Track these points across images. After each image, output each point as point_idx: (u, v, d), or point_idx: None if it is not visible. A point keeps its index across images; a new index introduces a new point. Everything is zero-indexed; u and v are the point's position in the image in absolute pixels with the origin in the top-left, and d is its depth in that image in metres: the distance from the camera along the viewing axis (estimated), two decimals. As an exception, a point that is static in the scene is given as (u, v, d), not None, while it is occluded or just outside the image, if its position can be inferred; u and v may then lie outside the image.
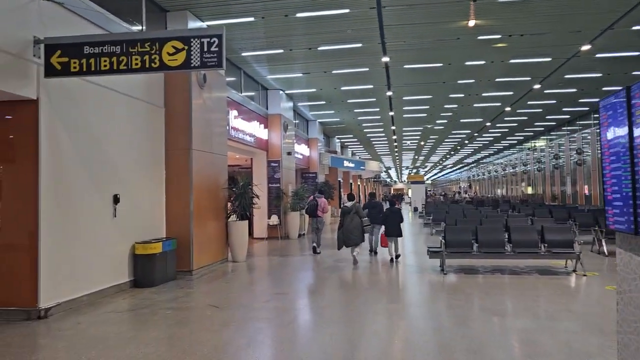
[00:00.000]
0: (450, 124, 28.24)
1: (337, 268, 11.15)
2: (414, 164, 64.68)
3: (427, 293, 8.19)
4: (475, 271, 10.21)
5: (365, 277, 9.97)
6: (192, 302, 7.65)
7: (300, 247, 15.67)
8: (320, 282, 9.53)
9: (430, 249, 10.27)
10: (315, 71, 15.91)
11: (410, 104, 22.09)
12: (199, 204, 10.67)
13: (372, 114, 24.45)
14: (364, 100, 20.74)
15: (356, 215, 11.37)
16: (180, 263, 10.10)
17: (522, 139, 37.94)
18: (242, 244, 12.22)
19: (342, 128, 29.44)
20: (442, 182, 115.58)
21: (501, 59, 14.92)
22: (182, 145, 10.42)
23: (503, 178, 47.84)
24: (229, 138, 13.93)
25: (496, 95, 20.37)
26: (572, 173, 28.59)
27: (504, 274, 9.77)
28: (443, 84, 18.08)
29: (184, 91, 10.48)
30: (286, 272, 10.65)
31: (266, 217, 18.06)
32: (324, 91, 18.98)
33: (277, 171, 18.28)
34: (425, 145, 40.64)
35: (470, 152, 49.45)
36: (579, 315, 6.57)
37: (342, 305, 7.37)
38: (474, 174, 69.93)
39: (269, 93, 18.53)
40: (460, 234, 10.19)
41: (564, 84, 18.43)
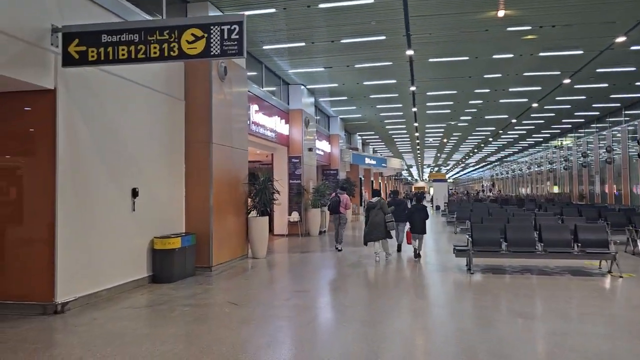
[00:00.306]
0: (475, 120, 27.64)
1: (360, 265, 10.86)
2: (436, 161, 63.89)
3: (452, 293, 7.85)
4: (503, 271, 9.81)
5: (389, 275, 9.66)
6: (210, 298, 7.45)
7: (321, 244, 15.41)
8: (342, 280, 9.25)
9: (457, 247, 9.90)
10: (338, 65, 15.61)
11: (434, 100, 21.63)
12: (219, 198, 10.48)
13: (394, 110, 24.04)
14: (387, 95, 20.36)
15: (380, 210, 11.36)
16: (200, 259, 9.93)
17: (548, 136, 37.04)
18: (262, 241, 12.01)
19: (363, 124, 29.08)
20: (463, 181, 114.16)
21: (530, 52, 14.40)
22: (202, 139, 10.24)
23: (527, 177, 46.83)
24: (250, 133, 13.73)
25: (523, 91, 19.77)
26: (600, 172, 27.72)
27: (533, 274, 9.35)
28: (469, 79, 17.60)
29: (205, 84, 10.29)
30: (307, 269, 10.40)
31: (287, 213, 17.85)
32: (346, 86, 18.67)
33: (298, 167, 18.05)
34: (448, 143, 40.00)
35: (494, 150, 48.55)
36: (616, 320, 6.17)
37: (364, 304, 7.08)
38: (496, 172, 68.75)
39: (290, 88, 18.30)
40: (488, 232, 9.79)
41: (595, 79, 17.77)
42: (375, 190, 12.51)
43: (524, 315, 6.33)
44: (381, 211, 11.37)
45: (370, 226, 11.36)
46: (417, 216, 11.89)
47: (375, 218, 11.31)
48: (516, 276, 9.21)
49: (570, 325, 5.86)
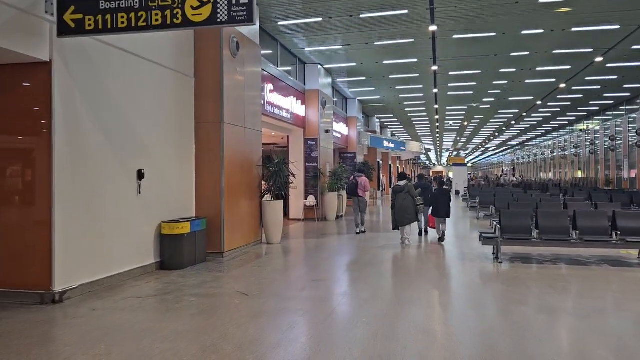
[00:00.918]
0: (498, 102, 26.64)
1: (380, 252, 10.30)
2: (455, 145, 62.67)
3: (481, 286, 7.23)
4: (534, 260, 9.15)
5: (412, 264, 9.08)
6: (220, 288, 6.96)
7: (338, 230, 14.87)
8: (361, 269, 8.70)
9: (484, 234, 9.25)
10: (356, 43, 14.88)
11: (456, 80, 20.75)
12: (231, 181, 9.97)
13: (414, 92, 23.20)
14: (407, 75, 19.56)
15: (408, 194, 11.04)
16: (211, 244, 9.45)
17: (574, 119, 35.75)
18: (277, 226, 11.49)
19: (382, 107, 28.28)
20: (482, 166, 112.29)
21: (562, 27, 13.49)
22: (213, 119, 9.69)
23: (550, 161, 45.53)
24: (264, 113, 13.15)
25: (551, 70, 18.80)
26: (629, 156, 26.57)
27: (567, 265, 8.68)
28: (494, 57, 16.70)
29: (216, 60, 9.70)
30: (324, 257, 9.86)
31: (303, 197, 17.32)
32: (365, 66, 17.91)
33: (314, 150, 17.45)
34: (469, 126, 38.94)
35: (516, 134, 47.28)
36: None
37: (386, 298, 6.52)
38: (517, 157, 67.19)
39: (307, 67, 17.62)
40: (517, 219, 9.12)
41: (629, 56, 16.72)
42: (403, 174, 12.18)
43: (565, 312, 5.71)
44: (409, 195, 11.06)
45: (399, 210, 11.03)
46: (441, 200, 11.71)
47: (404, 202, 11.00)
48: (548, 266, 8.54)
49: (620, 325, 5.23)
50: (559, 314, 5.66)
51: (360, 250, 10.83)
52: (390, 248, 11.02)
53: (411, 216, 11.08)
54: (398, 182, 11.69)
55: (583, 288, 6.91)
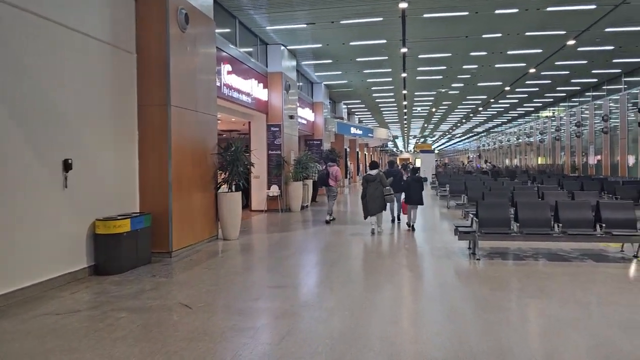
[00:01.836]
0: (467, 88, 26.09)
1: (348, 248, 9.43)
2: (422, 132, 62.51)
3: (460, 289, 6.41)
4: (513, 256, 8.44)
5: (382, 262, 8.22)
6: (159, 298, 5.91)
7: (303, 221, 13.94)
8: (327, 269, 7.79)
9: (460, 228, 8.47)
10: (322, 21, 13.83)
11: (426, 64, 19.98)
12: (181, 171, 8.87)
13: (382, 76, 22.34)
14: (375, 58, 18.64)
15: (379, 183, 11.01)
16: (157, 243, 8.37)
17: (540, 106, 35.71)
18: (234, 219, 10.46)
19: (349, 92, 27.35)
20: (448, 152, 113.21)
21: (537, 6, 12.79)
22: (158, 101, 8.54)
23: (516, 148, 45.69)
24: (221, 96, 12.04)
25: (522, 54, 18.20)
26: (595, 142, 26.53)
27: (550, 261, 7.98)
28: (465, 39, 15.95)
29: (160, 33, 8.53)
30: (285, 255, 8.91)
31: (265, 187, 16.30)
32: (331, 47, 16.90)
33: (277, 136, 16.40)
34: (437, 112, 38.50)
35: (482, 121, 47.23)
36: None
37: (354, 307, 5.62)
38: (483, 143, 67.60)
39: (269, 48, 16.49)
40: (496, 211, 8.36)
41: (602, 40, 16.25)
42: (374, 162, 11.94)
43: (559, 320, 4.93)
44: (380, 184, 11.00)
45: (371, 200, 10.97)
46: (413, 187, 11.84)
47: (375, 191, 10.96)
48: (530, 263, 7.82)
49: (616, 333, 4.48)
50: (551, 324, 4.88)
51: (326, 246, 9.93)
52: (359, 242, 10.18)
53: (382, 205, 11.07)
54: (369, 171, 11.44)
55: (572, 290, 6.18)
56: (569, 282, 6.55)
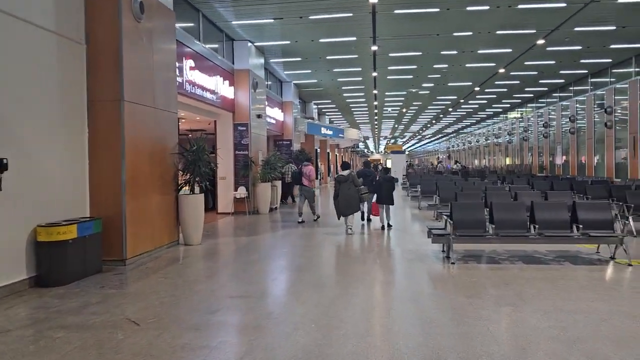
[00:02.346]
0: (437, 88, 25.99)
1: (317, 252, 8.94)
2: (393, 133, 62.65)
3: (435, 297, 5.99)
4: (488, 259, 8.10)
5: (353, 267, 7.77)
6: (105, 313, 5.30)
7: (271, 224, 13.39)
8: (295, 275, 7.29)
9: (433, 230, 8.09)
10: (290, 16, 13.32)
11: (397, 63, 19.69)
12: (136, 172, 8.23)
13: (353, 75, 21.97)
14: (345, 57, 18.23)
15: (352, 184, 11.00)
16: (109, 250, 7.72)
17: (508, 106, 36.05)
18: (196, 223, 9.84)
19: (319, 92, 26.90)
20: (418, 153, 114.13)
21: (508, 4, 12.59)
22: (110, 96, 7.88)
23: (485, 148, 46.12)
24: (183, 93, 11.42)
25: (492, 54, 18.09)
26: (562, 143, 26.79)
27: (527, 264, 7.67)
28: (436, 37, 15.70)
29: (113, 23, 7.88)
30: (251, 260, 8.35)
31: (232, 189, 15.68)
32: (300, 44, 16.41)
33: (245, 136, 15.81)
34: (407, 113, 38.45)
35: (452, 122, 47.53)
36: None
37: (323, 318, 5.13)
38: (452, 144, 68.22)
39: (236, 45, 15.88)
40: (470, 212, 8.01)
41: (571, 39, 16.23)
42: (346, 163, 12.00)
43: (546, 335, 4.56)
44: (353, 184, 11.00)
45: (343, 200, 10.93)
46: (385, 187, 11.91)
47: (348, 192, 10.94)
48: (507, 267, 7.49)
49: (616, 350, 4.13)
50: (535, 336, 4.50)
51: (294, 250, 9.43)
52: (330, 244, 9.72)
53: (355, 206, 11.01)
54: (342, 172, 11.42)
55: (553, 297, 5.84)
56: (549, 288, 6.21)
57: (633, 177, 18.84)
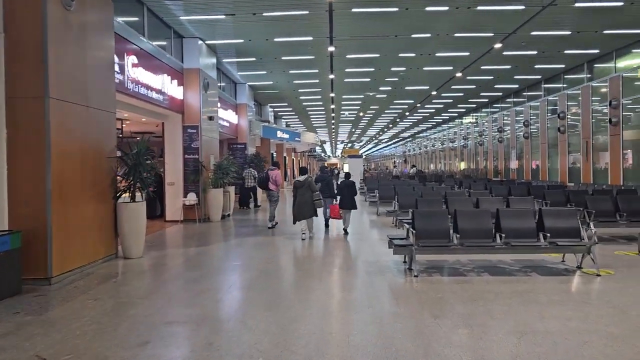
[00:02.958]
0: (395, 91, 25.76)
1: (269, 265, 8.22)
2: (350, 137, 62.56)
3: (400, 318, 5.39)
4: (452, 270, 7.62)
5: (306, 283, 7.11)
6: (12, 348, 4.42)
7: (223, 233, 12.58)
8: (243, 294, 6.57)
9: (395, 241, 7.53)
10: (242, 12, 12.58)
11: (354, 65, 19.24)
12: (65, 178, 7.30)
13: (310, 77, 21.38)
14: (302, 57, 17.62)
15: (308, 189, 11.04)
16: (32, 267, 6.78)
17: (464, 111, 36.40)
18: (136, 234, 8.95)
19: (275, 94, 26.19)
20: (375, 158, 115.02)
21: (468, 5, 12.31)
22: (32, 92, 6.95)
23: (441, 153, 46.55)
24: (125, 92, 10.50)
25: (450, 57, 17.90)
26: (517, 147, 27.11)
27: (493, 275, 7.22)
28: (395, 39, 15.31)
29: (35, 8, 6.95)
30: (195, 277, 7.55)
31: (181, 195, 14.74)
32: (254, 43, 15.66)
33: (195, 139, 14.90)
34: (364, 117, 38.23)
35: (408, 126, 47.75)
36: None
37: (271, 349, 4.45)
38: (408, 148, 68.82)
39: (185, 42, 14.97)
40: (434, 221, 7.51)
41: (528, 43, 16.20)
42: (303, 168, 11.92)
43: None
44: (309, 189, 11.05)
45: (299, 205, 10.96)
46: (346, 192, 11.99)
47: (304, 197, 10.98)
48: (473, 280, 7.01)
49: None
50: None
51: (245, 262, 8.68)
52: (284, 256, 9.03)
53: (309, 211, 10.98)
54: (298, 177, 11.42)
55: (526, 314, 5.37)
56: (520, 304, 5.74)
57: (585, 181, 19.10)
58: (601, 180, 18.29)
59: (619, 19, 13.71)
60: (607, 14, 13.13)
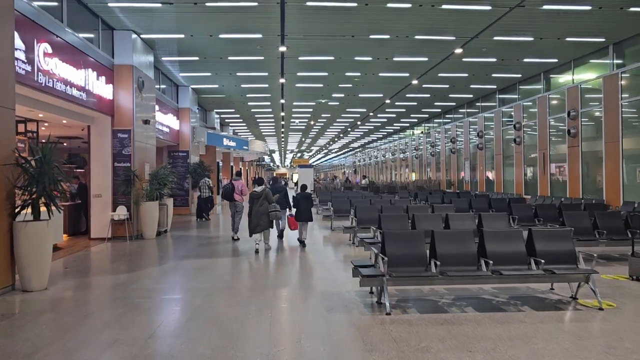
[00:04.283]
0: (347, 99, 24.66)
1: (211, 297, 6.65)
2: (299, 147, 61.31)
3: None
4: (432, 305, 6.34)
5: (258, 325, 5.61)
6: None
7: (159, 253, 10.88)
8: (167, 347, 5.00)
9: (361, 269, 6.18)
10: (181, 0, 11.00)
11: (307, 68, 17.95)
12: None
13: (259, 81, 19.90)
14: (250, 58, 16.15)
15: (265, 200, 10.78)
16: None
17: (416, 121, 35.91)
18: (39, 261, 7.16)
19: (222, 100, 24.52)
20: (324, 168, 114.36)
21: (432, 3, 11.29)
22: None
23: (392, 163, 46.02)
24: (33, 86, 8.72)
25: (408, 62, 16.96)
26: (471, 158, 26.65)
27: (480, 312, 5.99)
28: (351, 39, 14.15)
29: None
30: (111, 319, 5.88)
31: (110, 208, 12.86)
32: (196, 40, 14.07)
33: (126, 145, 13.08)
34: (315, 125, 37.05)
35: (359, 136, 47.02)
36: None
37: None
38: (358, 159, 68.33)
39: (117, 35, 13.18)
40: (409, 246, 6.23)
41: (488, 49, 15.46)
42: (259, 179, 11.69)
43: None
44: (266, 200, 10.78)
45: (255, 217, 10.67)
46: (303, 204, 11.80)
47: (260, 208, 10.70)
48: (458, 318, 5.72)
49: None
50: None
51: (177, 296, 7.07)
52: (224, 285, 7.47)
53: (264, 223, 10.73)
54: (254, 188, 11.05)
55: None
56: (529, 355, 4.51)
57: (542, 194, 18.60)
58: (558, 192, 17.82)
59: (582, 26, 13.16)
60: (571, 19, 12.48)
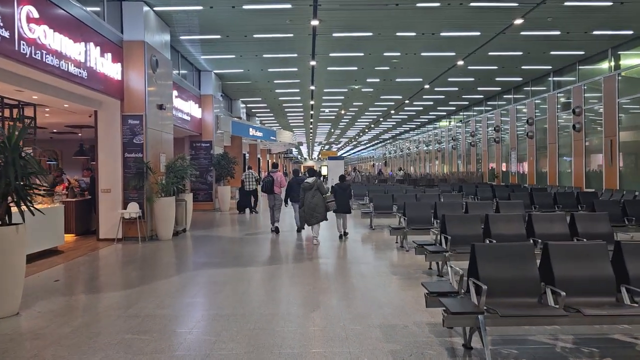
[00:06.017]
0: (382, 85, 22.59)
1: (228, 331, 4.87)
2: (328, 139, 59.34)
3: None
4: (547, 352, 4.41)
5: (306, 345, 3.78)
6: None
7: (176, 259, 9.19)
8: None
9: (441, 297, 4.26)
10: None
11: (340, 47, 15.99)
12: None
13: (287, 64, 18.04)
14: (278, 35, 14.31)
15: (318, 191, 10.57)
16: None
17: (454, 109, 33.51)
18: (7, 277, 5.47)
19: (247, 86, 22.74)
20: (352, 160, 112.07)
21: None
22: None
23: (426, 155, 43.61)
24: (15, 57, 7.06)
25: (456, 38, 14.67)
26: (520, 149, 24.26)
27: (561, 342, 4.04)
28: (395, 9, 12.10)
29: None
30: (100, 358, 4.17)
31: (120, 206, 11.25)
32: (217, 12, 12.27)
33: (138, 133, 11.43)
34: (345, 115, 35.04)
35: (390, 127, 44.76)
36: None
37: None
38: (388, 150, 65.85)
39: (126, 6, 11.51)
40: (514, 264, 4.27)
41: (554, 19, 13.20)
42: (311, 170, 11.54)
43: None
44: (319, 192, 10.58)
45: (309, 209, 10.50)
46: (340, 195, 11.42)
47: (313, 199, 10.51)
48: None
49: None
50: None
51: (192, 325, 5.32)
52: (256, 304, 5.66)
53: (321, 214, 10.52)
54: (307, 179, 10.91)
55: None
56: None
57: (610, 187, 16.25)
58: (629, 185, 15.50)
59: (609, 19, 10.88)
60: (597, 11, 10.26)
